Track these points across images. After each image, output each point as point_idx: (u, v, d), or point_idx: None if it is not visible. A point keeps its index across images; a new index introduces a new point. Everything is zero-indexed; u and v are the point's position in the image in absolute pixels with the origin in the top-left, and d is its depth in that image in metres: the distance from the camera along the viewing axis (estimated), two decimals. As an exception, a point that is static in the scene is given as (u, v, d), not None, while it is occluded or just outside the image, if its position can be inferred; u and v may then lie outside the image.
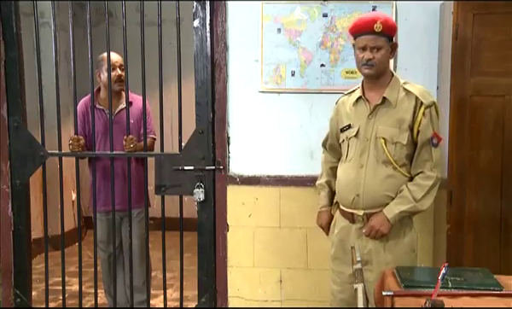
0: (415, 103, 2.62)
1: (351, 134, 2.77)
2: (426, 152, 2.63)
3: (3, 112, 3.64)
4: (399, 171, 2.67)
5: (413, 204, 2.65)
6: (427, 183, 2.63)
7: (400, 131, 2.64)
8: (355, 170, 2.73)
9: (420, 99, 2.61)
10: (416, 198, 2.63)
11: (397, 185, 2.67)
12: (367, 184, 2.69)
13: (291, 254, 3.57)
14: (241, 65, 3.53)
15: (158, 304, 4.30)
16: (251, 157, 3.55)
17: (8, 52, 3.61)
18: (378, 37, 2.61)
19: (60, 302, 3.91)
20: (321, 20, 3.45)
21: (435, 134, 2.61)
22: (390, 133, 2.65)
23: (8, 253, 3.71)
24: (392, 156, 2.65)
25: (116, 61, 3.69)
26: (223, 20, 3.50)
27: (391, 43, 2.65)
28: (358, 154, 2.73)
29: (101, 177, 3.74)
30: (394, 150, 2.66)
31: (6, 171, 3.67)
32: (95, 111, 3.71)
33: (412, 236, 2.78)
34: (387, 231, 2.68)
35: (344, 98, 2.91)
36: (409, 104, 2.63)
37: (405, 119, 2.63)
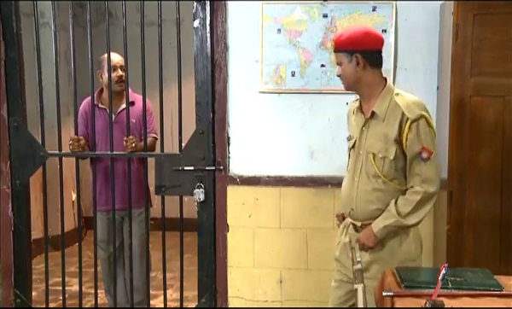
0: (401, 117, 2.52)
1: (350, 145, 2.77)
2: (415, 166, 2.54)
3: (3, 112, 3.64)
4: (390, 184, 2.61)
5: (396, 219, 2.58)
6: (413, 198, 2.55)
7: (387, 146, 2.57)
8: (350, 183, 2.72)
9: (406, 114, 2.52)
10: (401, 213, 2.57)
11: (387, 199, 2.61)
12: (358, 199, 2.66)
13: (291, 255, 3.57)
14: (242, 65, 3.53)
15: (158, 304, 4.30)
16: (251, 157, 3.55)
17: (9, 52, 3.61)
18: (337, 54, 2.63)
19: (60, 302, 3.91)
20: (321, 21, 3.45)
21: (424, 148, 2.51)
22: (378, 148, 2.59)
23: (9, 254, 3.71)
24: (380, 171, 2.60)
25: (117, 61, 3.69)
26: (223, 20, 3.50)
27: (354, 55, 2.57)
28: (353, 166, 2.71)
29: (103, 176, 3.75)
30: (383, 165, 2.59)
31: (6, 172, 3.66)
32: (97, 110, 3.72)
33: (409, 245, 2.68)
34: (373, 245, 2.64)
35: (352, 105, 2.85)
36: (395, 118, 2.54)
37: (391, 133, 2.55)
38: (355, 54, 2.56)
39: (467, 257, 3.05)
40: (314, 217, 3.54)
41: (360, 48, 2.55)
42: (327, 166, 3.52)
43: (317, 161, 3.53)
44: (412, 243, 2.66)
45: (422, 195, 2.54)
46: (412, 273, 2.55)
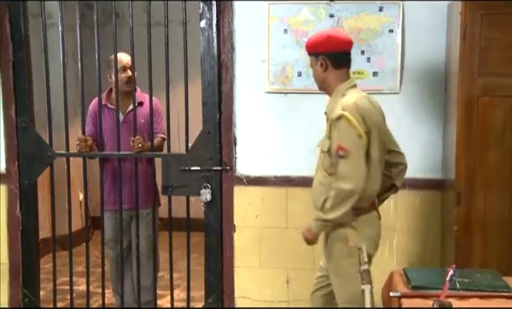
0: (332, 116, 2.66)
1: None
2: (336, 163, 2.62)
3: (12, 112, 3.66)
4: (328, 178, 2.68)
5: (319, 213, 2.68)
6: (331, 194, 2.61)
7: (324, 142, 2.72)
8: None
9: (333, 113, 2.63)
10: (324, 208, 2.65)
11: (327, 192, 2.67)
12: (313, 191, 2.82)
13: (298, 255, 3.56)
14: (248, 65, 3.53)
15: (165, 304, 4.30)
16: (258, 157, 3.55)
17: (17, 53, 3.63)
18: (309, 57, 2.81)
19: (67, 302, 3.92)
20: (327, 21, 3.44)
21: (340, 146, 2.57)
22: (322, 143, 2.76)
23: (17, 253, 3.73)
24: (322, 164, 2.75)
25: (127, 62, 3.69)
26: (229, 20, 3.50)
27: (319, 57, 2.72)
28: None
29: (111, 176, 3.75)
30: (324, 159, 2.74)
31: (14, 172, 3.68)
32: (106, 110, 3.73)
33: (346, 241, 2.68)
34: (311, 238, 2.78)
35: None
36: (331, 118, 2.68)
37: (327, 131, 2.72)
38: (320, 56, 2.71)
39: (475, 258, 3.04)
40: (321, 217, 3.53)
41: (324, 50, 2.70)
42: (334, 167, 3.51)
43: (324, 161, 3.52)
44: (350, 240, 2.66)
45: (336, 191, 2.58)
46: (420, 274, 2.56)
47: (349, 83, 2.75)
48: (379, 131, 2.65)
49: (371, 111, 2.64)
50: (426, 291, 2.37)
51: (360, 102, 2.62)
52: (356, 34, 3.40)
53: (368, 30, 3.41)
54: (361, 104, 2.61)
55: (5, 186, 3.71)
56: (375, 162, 2.62)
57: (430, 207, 3.44)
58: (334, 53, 2.71)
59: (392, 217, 3.47)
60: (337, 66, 2.72)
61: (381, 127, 2.70)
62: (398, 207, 3.47)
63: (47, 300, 3.97)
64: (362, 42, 3.42)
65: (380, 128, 2.67)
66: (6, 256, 3.73)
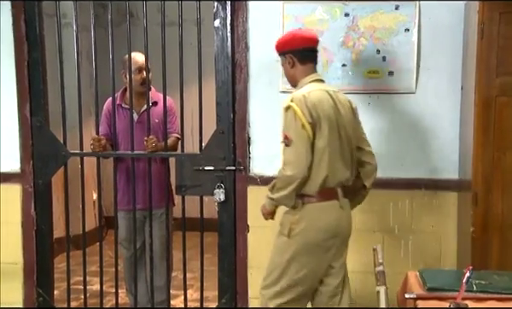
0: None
1: None
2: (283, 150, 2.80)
3: (26, 112, 3.68)
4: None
5: (268, 192, 2.87)
6: (277, 176, 2.83)
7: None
8: None
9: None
10: (272, 187, 2.85)
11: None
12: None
13: (312, 256, 3.54)
14: (262, 65, 3.51)
15: (178, 304, 4.30)
16: (272, 157, 3.52)
17: (32, 53, 3.65)
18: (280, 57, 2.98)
19: (81, 301, 3.93)
20: (342, 20, 3.42)
21: (284, 134, 2.77)
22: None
23: (31, 253, 3.75)
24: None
25: (142, 63, 3.68)
26: (244, 20, 3.49)
27: (286, 55, 2.91)
28: None
29: (125, 176, 3.76)
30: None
31: (29, 171, 3.70)
32: (121, 110, 3.73)
33: (282, 239, 2.86)
34: (264, 212, 2.96)
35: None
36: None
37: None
38: (287, 54, 2.90)
39: (492, 259, 3.00)
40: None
41: (290, 48, 2.88)
42: (348, 167, 3.49)
43: (339, 162, 3.50)
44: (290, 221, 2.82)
45: (280, 175, 2.79)
46: (436, 275, 2.53)
47: (311, 77, 2.89)
48: (331, 122, 2.75)
49: (324, 104, 2.75)
50: (442, 293, 2.34)
51: (311, 94, 2.75)
52: (371, 33, 3.38)
53: (383, 29, 3.38)
54: (310, 97, 2.73)
55: (20, 185, 3.72)
56: (320, 151, 2.73)
57: (446, 208, 3.41)
58: (299, 50, 2.87)
59: (407, 218, 3.44)
60: (303, 61, 2.89)
61: (339, 120, 2.80)
62: (414, 208, 3.44)
63: (61, 300, 3.99)
64: (377, 41, 3.39)
65: (333, 120, 2.76)
66: (21, 255, 3.74)
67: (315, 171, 2.74)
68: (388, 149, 3.44)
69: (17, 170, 3.72)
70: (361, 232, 3.46)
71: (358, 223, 3.46)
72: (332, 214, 2.82)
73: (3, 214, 3.73)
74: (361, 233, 3.46)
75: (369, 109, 3.44)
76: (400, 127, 3.44)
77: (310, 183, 2.75)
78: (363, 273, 3.39)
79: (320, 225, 2.79)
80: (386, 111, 3.44)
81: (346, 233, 2.91)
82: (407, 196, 3.44)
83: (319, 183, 2.76)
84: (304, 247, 2.79)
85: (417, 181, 3.43)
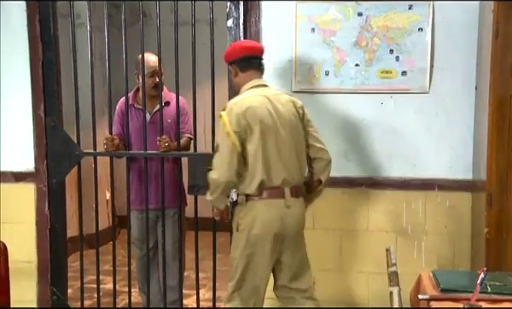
0: None
1: None
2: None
3: (41, 112, 3.70)
4: None
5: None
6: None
7: None
8: None
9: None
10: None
11: None
12: None
13: (324, 256, 3.54)
14: (275, 65, 3.51)
15: (191, 304, 4.30)
16: (284, 157, 3.53)
17: (46, 53, 3.67)
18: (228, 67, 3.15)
19: (94, 300, 3.95)
20: (356, 20, 3.41)
21: (216, 141, 3.00)
22: None
23: (45, 251, 3.77)
24: None
25: (155, 66, 3.67)
26: (256, 19, 3.49)
27: (231, 66, 3.08)
28: None
29: (138, 176, 3.77)
30: None
31: (43, 171, 3.72)
32: (133, 110, 3.74)
33: (234, 234, 3.01)
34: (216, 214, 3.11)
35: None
36: None
37: None
38: (231, 65, 3.07)
39: (506, 261, 2.97)
40: (348, 218, 3.51)
41: (231, 59, 3.05)
42: (361, 167, 3.49)
43: (351, 162, 3.50)
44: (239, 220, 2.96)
45: (210, 179, 2.93)
46: (449, 276, 2.51)
47: (251, 84, 3.01)
48: (265, 126, 2.86)
49: (256, 109, 2.87)
50: (456, 294, 2.32)
51: (243, 102, 2.90)
52: (384, 33, 3.37)
53: (397, 28, 3.36)
54: (241, 104, 2.89)
55: (34, 185, 3.75)
56: (253, 155, 2.86)
57: (460, 209, 3.39)
58: (239, 59, 3.02)
59: (420, 218, 3.43)
60: (243, 70, 3.03)
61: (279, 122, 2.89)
62: (427, 209, 3.42)
63: (74, 298, 4.01)
64: (390, 41, 3.38)
65: (268, 124, 2.87)
66: (35, 254, 3.77)
67: (251, 174, 2.88)
68: (401, 150, 3.44)
69: (31, 169, 3.75)
70: (374, 233, 3.47)
71: (371, 223, 3.46)
72: (274, 211, 2.90)
73: (18, 213, 3.76)
74: (374, 233, 3.47)
75: (383, 109, 3.43)
76: (413, 127, 3.42)
77: (248, 185, 2.90)
78: (376, 274, 3.39)
79: (262, 220, 2.89)
80: (399, 111, 3.43)
81: (292, 230, 2.96)
82: (420, 197, 3.43)
83: (256, 185, 2.87)
84: (248, 241, 2.92)
85: (431, 181, 3.41)
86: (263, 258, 2.92)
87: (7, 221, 3.75)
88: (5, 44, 3.69)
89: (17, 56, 3.69)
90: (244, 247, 2.93)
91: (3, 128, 3.75)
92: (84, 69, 3.62)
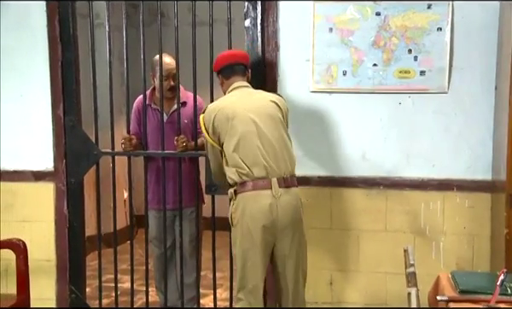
0: None
1: None
2: None
3: (60, 111, 3.73)
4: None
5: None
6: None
7: None
8: None
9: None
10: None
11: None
12: None
13: (342, 256, 3.53)
14: (293, 65, 3.51)
15: (208, 303, 4.32)
16: (301, 157, 3.51)
17: (65, 53, 3.70)
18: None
19: (112, 299, 3.97)
20: (374, 19, 3.40)
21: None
22: None
23: (64, 250, 3.80)
24: None
25: (170, 69, 3.68)
26: (274, 19, 3.48)
27: (218, 76, 3.24)
28: None
29: (155, 175, 3.79)
30: None
31: (62, 170, 3.75)
32: (150, 110, 3.76)
33: (232, 230, 3.04)
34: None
35: None
36: None
37: None
38: (218, 75, 3.23)
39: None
40: (365, 218, 3.49)
41: (217, 70, 3.21)
42: (379, 167, 3.47)
43: (369, 162, 3.48)
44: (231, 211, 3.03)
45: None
46: (469, 278, 2.49)
47: (230, 88, 3.15)
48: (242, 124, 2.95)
49: (227, 109, 3.00)
50: (475, 296, 2.30)
51: (215, 105, 3.09)
52: (403, 32, 3.35)
53: (415, 28, 3.34)
54: (212, 107, 3.08)
55: (53, 184, 3.78)
56: (230, 150, 2.97)
57: (479, 210, 3.35)
58: (221, 69, 3.18)
59: (439, 219, 3.40)
60: (227, 77, 3.17)
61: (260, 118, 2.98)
62: (446, 209, 3.39)
63: (92, 297, 4.04)
64: (409, 40, 3.36)
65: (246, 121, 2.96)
66: (54, 253, 3.80)
67: (232, 168, 2.97)
68: (419, 150, 3.41)
69: (50, 169, 3.78)
70: (391, 233, 3.45)
71: (389, 223, 3.45)
72: (262, 202, 2.92)
73: (37, 212, 3.79)
74: (391, 234, 3.45)
75: (400, 109, 3.41)
76: (432, 127, 3.40)
77: (232, 178, 2.99)
78: (394, 274, 3.38)
79: (251, 211, 2.93)
80: (417, 111, 3.41)
81: (283, 221, 2.95)
82: (439, 197, 3.40)
83: (238, 178, 2.95)
84: (242, 234, 2.96)
85: (449, 182, 3.38)
86: (256, 250, 2.93)
87: (26, 220, 3.80)
88: (25, 44, 3.73)
89: (37, 56, 3.72)
90: (240, 241, 2.97)
91: (23, 127, 3.79)
92: (103, 69, 3.64)
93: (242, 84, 3.14)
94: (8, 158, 3.80)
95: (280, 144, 3.00)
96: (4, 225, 3.75)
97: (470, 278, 2.49)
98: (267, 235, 2.93)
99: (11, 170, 3.81)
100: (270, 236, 2.95)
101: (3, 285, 3.79)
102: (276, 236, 2.96)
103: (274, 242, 2.98)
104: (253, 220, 2.92)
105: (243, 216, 2.94)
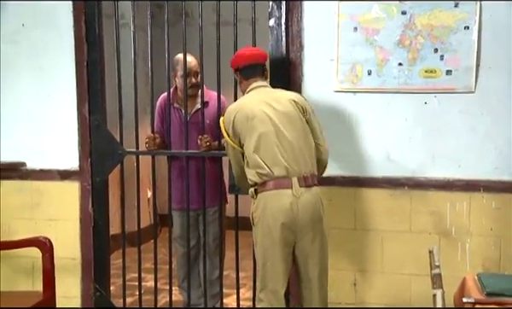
0: None
1: None
2: None
3: (85, 111, 3.76)
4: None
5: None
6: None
7: None
8: None
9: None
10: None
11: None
12: None
13: (365, 257, 3.51)
14: (317, 64, 3.49)
15: (231, 303, 4.32)
16: (325, 157, 3.51)
17: (91, 53, 3.73)
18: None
19: (136, 297, 4.00)
20: (399, 18, 3.37)
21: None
22: None
23: (89, 248, 3.83)
24: None
25: (191, 67, 3.72)
26: (298, 19, 3.48)
27: (236, 73, 3.25)
28: None
29: (178, 175, 3.81)
30: None
31: (87, 169, 3.79)
32: (172, 110, 3.78)
33: (253, 229, 3.04)
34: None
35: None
36: None
37: None
38: (235, 73, 3.24)
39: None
40: (389, 219, 3.46)
41: (235, 68, 3.20)
42: (403, 167, 3.43)
43: (394, 162, 3.45)
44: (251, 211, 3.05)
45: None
46: (495, 280, 2.46)
47: (250, 87, 3.14)
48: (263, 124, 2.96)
49: (247, 110, 3.00)
50: (502, 298, 2.27)
51: (235, 106, 3.08)
52: (429, 31, 3.31)
53: (441, 27, 3.30)
54: (232, 109, 3.07)
55: (78, 183, 3.81)
56: (250, 151, 2.97)
57: (506, 210, 3.30)
58: (241, 68, 3.16)
59: (465, 220, 3.36)
60: (246, 77, 3.16)
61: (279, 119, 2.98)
62: (472, 210, 3.35)
63: (117, 295, 4.07)
64: (435, 39, 3.32)
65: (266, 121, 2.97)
66: (79, 251, 3.84)
67: (253, 168, 2.98)
68: (445, 150, 3.38)
69: (76, 168, 3.81)
70: (416, 234, 3.42)
71: (413, 224, 3.41)
72: (283, 200, 2.93)
73: (63, 211, 3.83)
74: (416, 235, 3.41)
75: (426, 109, 3.38)
76: (458, 127, 3.36)
77: (253, 179, 2.99)
78: (419, 276, 3.34)
79: (271, 209, 2.94)
80: (443, 111, 3.37)
81: (304, 219, 2.95)
82: (465, 198, 3.36)
83: (259, 178, 2.96)
84: (263, 232, 2.97)
85: (476, 182, 3.34)
86: (275, 248, 2.94)
87: (52, 218, 3.84)
88: (52, 45, 3.77)
89: (63, 57, 3.76)
90: (261, 240, 2.98)
91: (49, 127, 3.83)
92: (128, 69, 3.67)
93: (262, 84, 3.15)
94: (35, 157, 3.85)
95: (299, 143, 2.99)
96: (31, 224, 3.81)
97: (497, 280, 2.46)
98: (287, 233, 2.93)
99: (38, 169, 3.85)
100: (291, 235, 2.95)
101: (30, 283, 3.84)
102: (297, 235, 2.97)
103: (294, 241, 2.97)
104: (273, 218, 2.93)
105: (264, 214, 2.95)
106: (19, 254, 3.71)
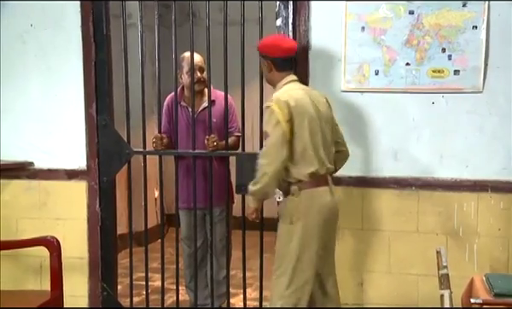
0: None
1: None
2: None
3: (93, 111, 3.77)
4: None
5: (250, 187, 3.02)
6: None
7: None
8: None
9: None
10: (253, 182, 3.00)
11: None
12: None
13: (373, 257, 3.50)
14: (324, 64, 3.49)
15: (237, 303, 4.32)
16: (332, 157, 3.51)
17: (99, 53, 3.73)
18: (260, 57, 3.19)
19: (143, 297, 4.01)
20: (407, 18, 3.36)
21: (264, 131, 3.02)
22: None
23: (96, 248, 3.84)
24: None
25: (196, 62, 3.74)
26: (305, 19, 3.47)
27: (266, 60, 3.12)
28: None
29: (185, 174, 3.82)
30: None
31: (94, 169, 3.79)
32: (179, 108, 3.79)
33: (285, 227, 3.03)
34: (250, 213, 3.14)
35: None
36: None
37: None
38: (266, 59, 3.11)
39: None
40: (397, 219, 3.46)
41: (269, 55, 3.09)
42: (411, 167, 3.43)
43: (401, 162, 3.44)
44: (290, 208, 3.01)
45: (258, 166, 2.97)
46: (504, 280, 2.45)
47: (287, 79, 3.10)
48: (311, 118, 2.98)
49: (303, 101, 2.98)
50: (510, 299, 2.26)
51: (291, 94, 2.99)
52: (437, 31, 3.30)
53: (449, 26, 3.29)
54: (290, 96, 2.97)
55: (86, 182, 3.82)
56: (303, 143, 2.96)
57: (515, 211, 3.29)
58: (277, 59, 3.08)
59: (473, 220, 3.35)
60: (280, 69, 3.10)
61: (319, 115, 3.03)
62: (480, 211, 3.34)
63: (124, 295, 4.08)
64: (443, 39, 3.31)
65: (313, 116, 2.99)
66: (86, 250, 3.84)
67: (303, 163, 2.96)
68: (453, 150, 3.37)
69: (83, 167, 3.82)
70: (424, 234, 3.41)
71: (421, 224, 3.41)
72: (325, 198, 3.02)
73: (70, 210, 3.84)
74: (424, 235, 3.41)
75: (434, 109, 3.37)
76: (466, 127, 3.35)
77: (300, 174, 2.97)
78: (426, 276, 3.33)
79: (316, 208, 2.98)
80: (450, 111, 3.36)
81: (335, 217, 3.11)
82: (472, 198, 3.35)
83: (308, 174, 2.96)
84: (306, 231, 2.97)
85: (483, 182, 3.33)
86: (319, 247, 2.99)
87: (60, 218, 3.85)
88: (60, 45, 3.78)
89: (71, 57, 3.76)
90: (301, 238, 2.97)
91: (57, 127, 3.84)
92: (135, 69, 3.68)
93: (296, 79, 3.16)
94: (43, 157, 3.86)
95: (332, 143, 3.14)
96: (38, 223, 3.82)
97: (505, 281, 2.44)
98: (326, 230, 3.02)
99: (45, 168, 3.86)
100: (327, 233, 3.04)
101: (38, 282, 3.85)
102: (330, 233, 3.08)
103: (326, 239, 3.05)
104: (320, 215, 2.98)
105: (308, 212, 2.98)
106: (27, 254, 3.73)
